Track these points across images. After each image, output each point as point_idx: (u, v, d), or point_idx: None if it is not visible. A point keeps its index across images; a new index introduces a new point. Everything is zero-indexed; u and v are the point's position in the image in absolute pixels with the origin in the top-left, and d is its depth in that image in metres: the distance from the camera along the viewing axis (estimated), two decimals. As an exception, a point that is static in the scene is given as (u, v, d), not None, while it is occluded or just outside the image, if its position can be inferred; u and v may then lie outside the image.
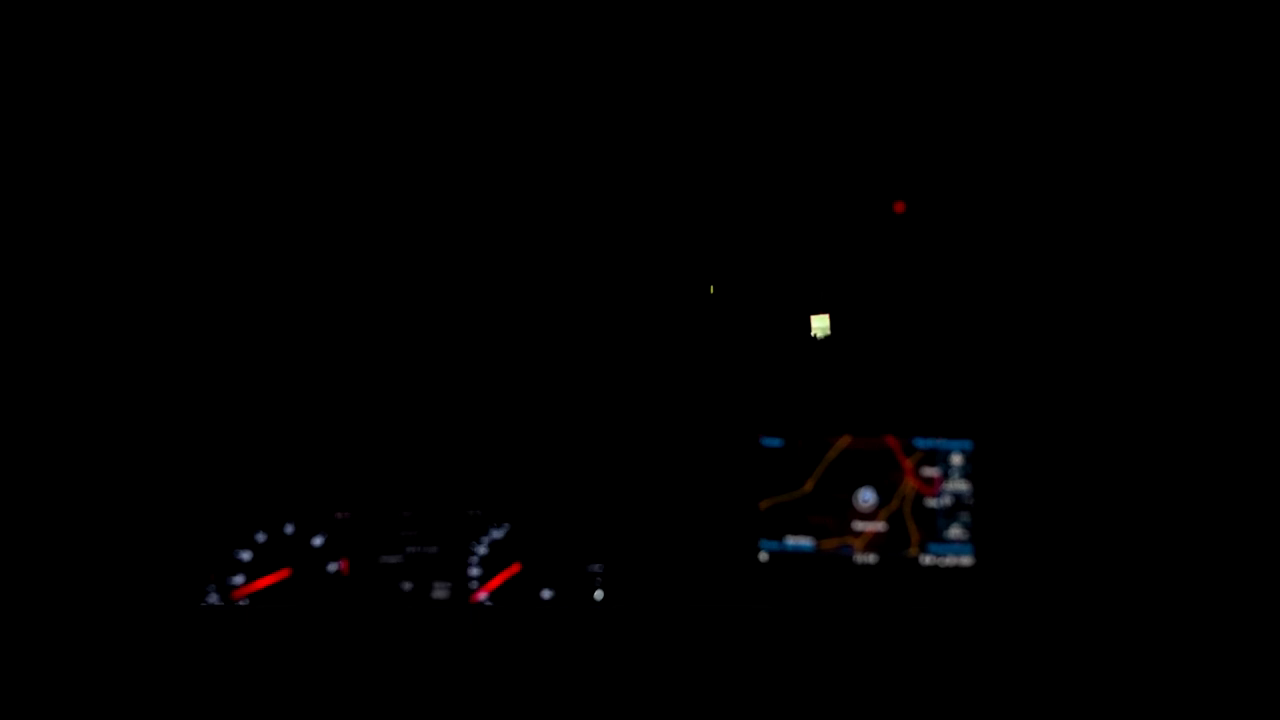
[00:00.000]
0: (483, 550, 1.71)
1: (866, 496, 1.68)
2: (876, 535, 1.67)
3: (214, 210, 1.76)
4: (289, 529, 1.71)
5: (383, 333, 1.76)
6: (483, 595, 1.71)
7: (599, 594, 1.70)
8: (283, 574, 1.70)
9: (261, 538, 1.71)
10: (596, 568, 1.70)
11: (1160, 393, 1.64)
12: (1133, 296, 1.66)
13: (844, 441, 1.69)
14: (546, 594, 1.71)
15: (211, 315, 1.76)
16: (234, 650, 1.65)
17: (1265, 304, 1.61)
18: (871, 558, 1.67)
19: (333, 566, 1.71)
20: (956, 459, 1.67)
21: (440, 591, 1.71)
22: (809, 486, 1.69)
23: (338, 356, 1.75)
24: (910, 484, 1.67)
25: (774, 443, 1.70)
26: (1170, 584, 1.60)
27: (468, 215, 1.77)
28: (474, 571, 1.71)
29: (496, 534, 1.72)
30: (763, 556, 1.69)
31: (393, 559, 1.71)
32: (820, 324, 1.54)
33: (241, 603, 1.70)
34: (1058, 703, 1.57)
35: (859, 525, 1.68)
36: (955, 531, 1.66)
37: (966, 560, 1.66)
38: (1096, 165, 1.67)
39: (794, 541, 1.69)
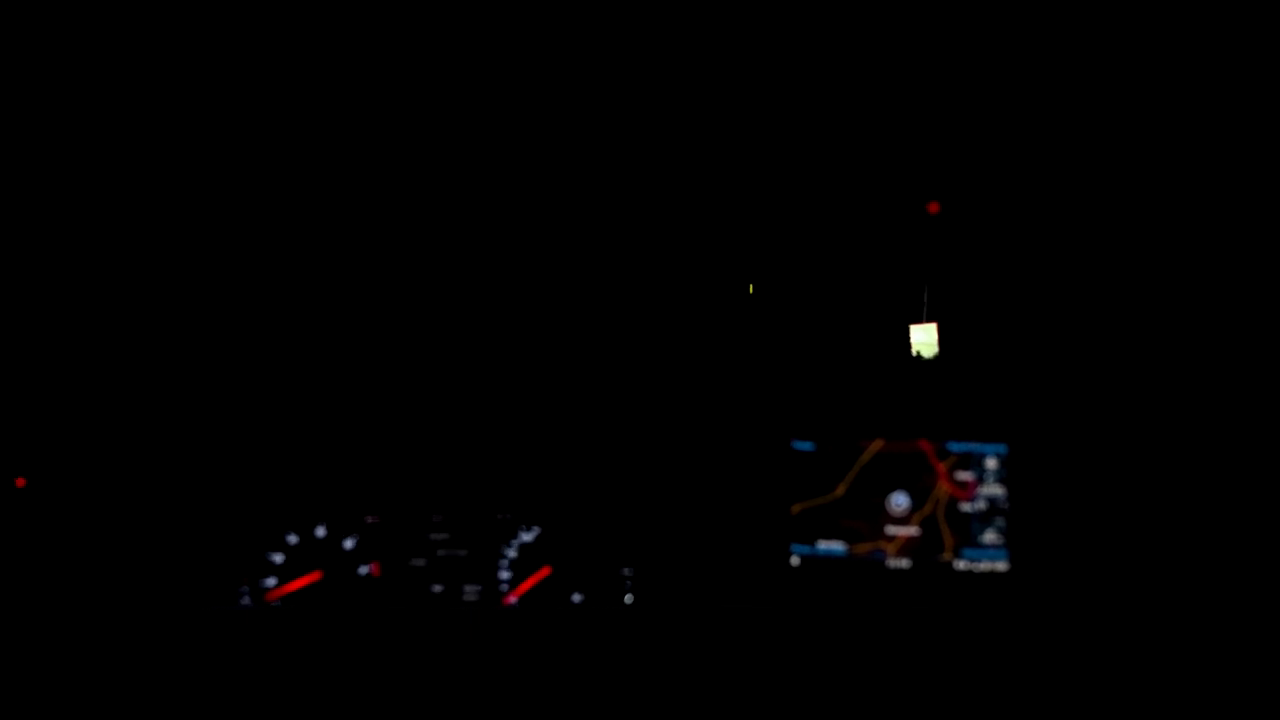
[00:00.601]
0: (513, 553, 1.71)
1: (899, 501, 1.67)
2: (909, 540, 1.66)
3: (251, 219, 1.76)
4: (320, 532, 1.72)
5: (414, 336, 1.76)
6: (513, 598, 1.71)
7: (629, 597, 1.70)
8: (314, 576, 1.71)
9: (293, 540, 1.72)
10: (627, 571, 1.70)
11: (1198, 396, 1.61)
12: (1170, 298, 1.64)
13: (876, 445, 1.67)
14: (577, 597, 1.70)
15: (244, 320, 1.77)
16: (266, 652, 1.65)
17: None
18: (904, 563, 1.66)
19: (364, 569, 1.71)
20: (991, 463, 1.65)
21: (470, 594, 1.71)
22: (841, 490, 1.68)
23: (369, 360, 1.76)
24: (944, 488, 1.66)
25: (806, 446, 1.69)
26: (1208, 590, 1.58)
27: (501, 219, 1.77)
28: (504, 574, 1.71)
29: (527, 537, 1.72)
30: (794, 561, 1.68)
31: (423, 562, 1.71)
32: (925, 338, 1.35)
33: (274, 605, 1.70)
34: (1092, 710, 1.55)
35: (892, 530, 1.66)
36: (990, 536, 1.64)
37: (1001, 566, 1.64)
38: (1130, 168, 1.65)
39: (826, 546, 1.68)
